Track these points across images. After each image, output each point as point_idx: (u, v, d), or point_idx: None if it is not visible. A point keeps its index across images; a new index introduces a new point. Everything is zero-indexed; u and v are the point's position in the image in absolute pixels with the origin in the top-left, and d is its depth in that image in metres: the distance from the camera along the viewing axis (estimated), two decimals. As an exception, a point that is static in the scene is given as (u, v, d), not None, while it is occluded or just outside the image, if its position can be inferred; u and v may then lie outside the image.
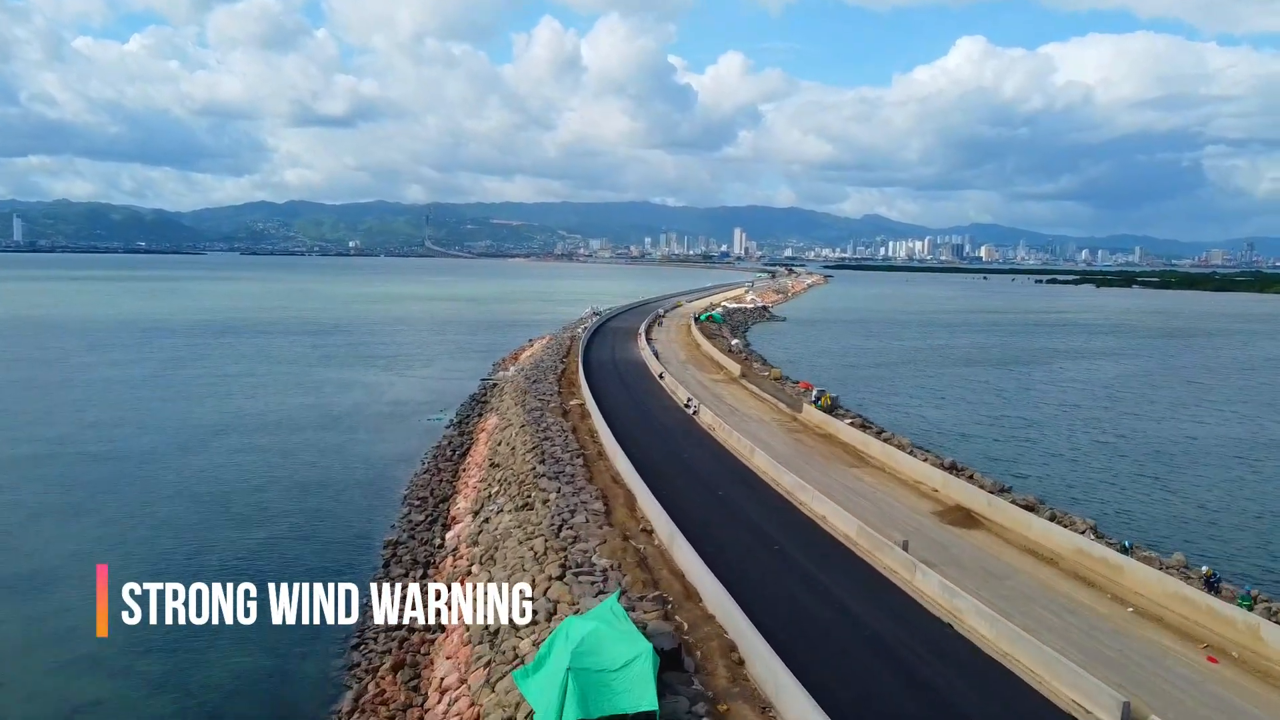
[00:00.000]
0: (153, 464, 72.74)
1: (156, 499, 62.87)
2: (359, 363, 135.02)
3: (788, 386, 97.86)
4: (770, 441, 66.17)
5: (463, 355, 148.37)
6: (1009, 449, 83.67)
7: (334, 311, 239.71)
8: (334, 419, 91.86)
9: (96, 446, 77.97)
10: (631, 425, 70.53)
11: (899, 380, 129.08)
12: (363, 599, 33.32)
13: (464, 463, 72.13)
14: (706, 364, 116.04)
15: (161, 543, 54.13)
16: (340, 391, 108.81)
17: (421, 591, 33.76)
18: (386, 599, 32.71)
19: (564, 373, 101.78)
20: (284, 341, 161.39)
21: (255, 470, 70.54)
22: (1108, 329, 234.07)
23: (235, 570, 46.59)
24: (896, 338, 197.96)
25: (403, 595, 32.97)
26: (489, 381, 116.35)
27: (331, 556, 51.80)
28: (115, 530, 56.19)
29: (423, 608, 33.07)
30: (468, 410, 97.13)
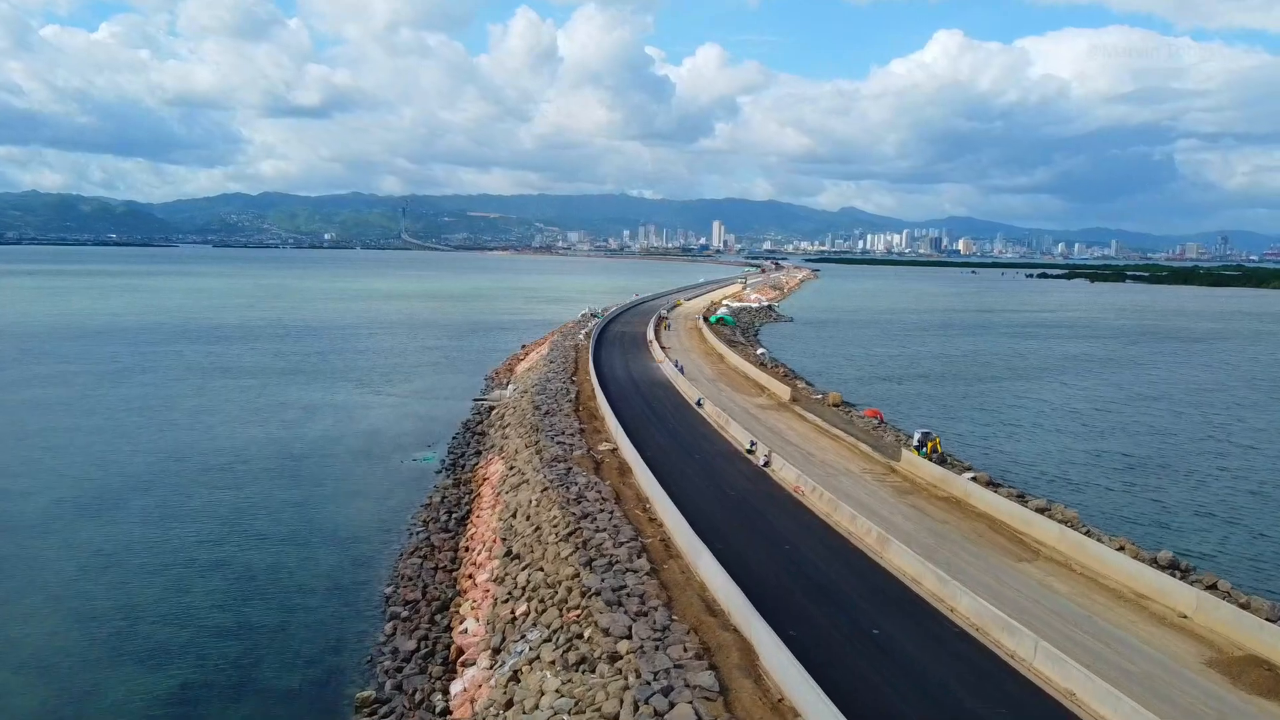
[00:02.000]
0: (24, 543, 53.93)
1: (10, 617, 44.21)
2: (329, 377, 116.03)
3: (855, 417, 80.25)
4: (886, 515, 48.51)
5: (449, 367, 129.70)
6: (1145, 505, 66.28)
7: (305, 311, 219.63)
8: (295, 462, 73.14)
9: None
10: (691, 488, 52.68)
11: (951, 398, 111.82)
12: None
13: (466, 534, 53.98)
14: (741, 382, 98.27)
15: (19, 700, 35.75)
16: (305, 419, 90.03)
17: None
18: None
19: (579, 397, 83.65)
20: (245, 350, 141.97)
21: (176, 553, 51.71)
22: (1141, 330, 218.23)
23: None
24: (921, 342, 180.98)
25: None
26: (483, 402, 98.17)
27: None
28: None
29: None
30: (462, 445, 79.09)
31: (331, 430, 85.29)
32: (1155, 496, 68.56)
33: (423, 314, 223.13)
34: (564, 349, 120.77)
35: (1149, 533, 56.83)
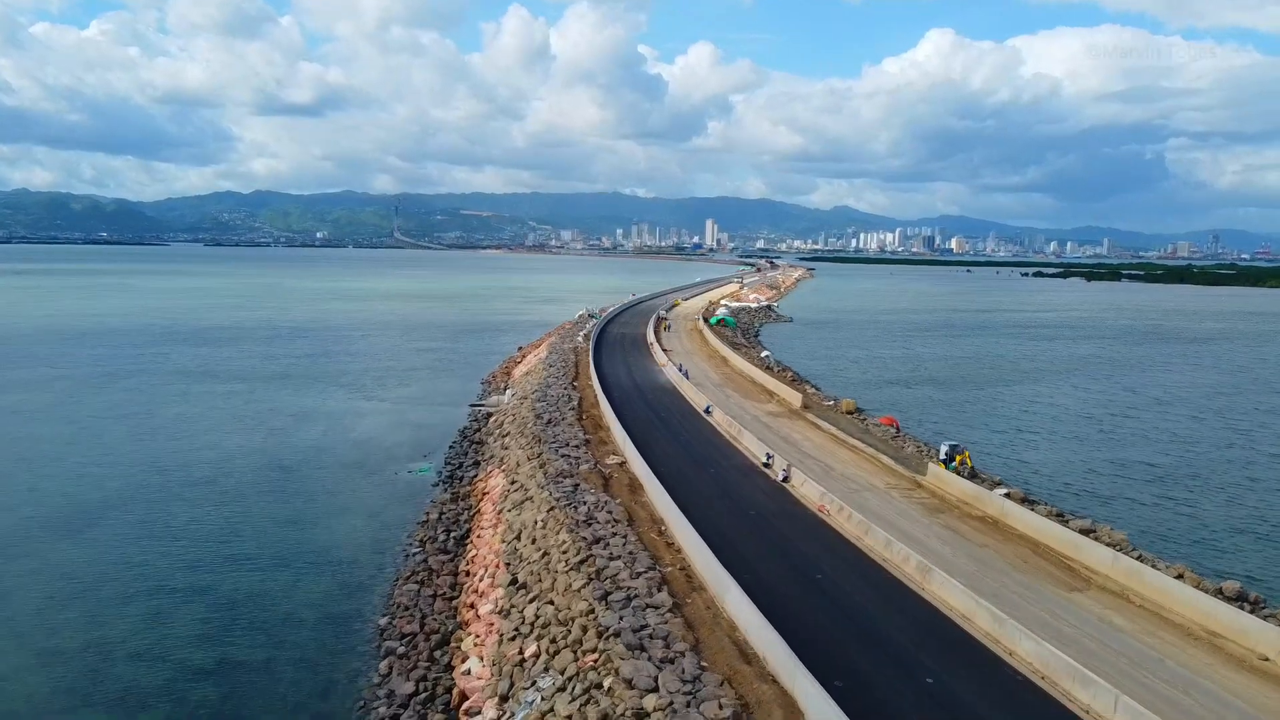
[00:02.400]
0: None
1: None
2: (320, 382, 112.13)
3: (871, 425, 76.73)
4: (920, 537, 45.01)
5: (444, 370, 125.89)
6: (1180, 521, 62.92)
7: (295, 312, 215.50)
8: (283, 474, 69.34)
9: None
10: (708, 507, 49.14)
11: (963, 403, 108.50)
12: None
13: (466, 556, 50.30)
14: (749, 388, 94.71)
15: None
16: (294, 427, 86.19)
17: None
18: None
19: (582, 405, 79.99)
20: (233, 352, 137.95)
21: (153, 579, 47.88)
22: (1146, 331, 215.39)
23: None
24: (924, 343, 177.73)
25: None
26: (481, 409, 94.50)
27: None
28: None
29: None
30: (459, 455, 75.44)
31: (322, 439, 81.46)
32: (1188, 511, 65.18)
33: (416, 314, 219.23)
34: (563, 352, 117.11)
35: (1189, 553, 53.47)
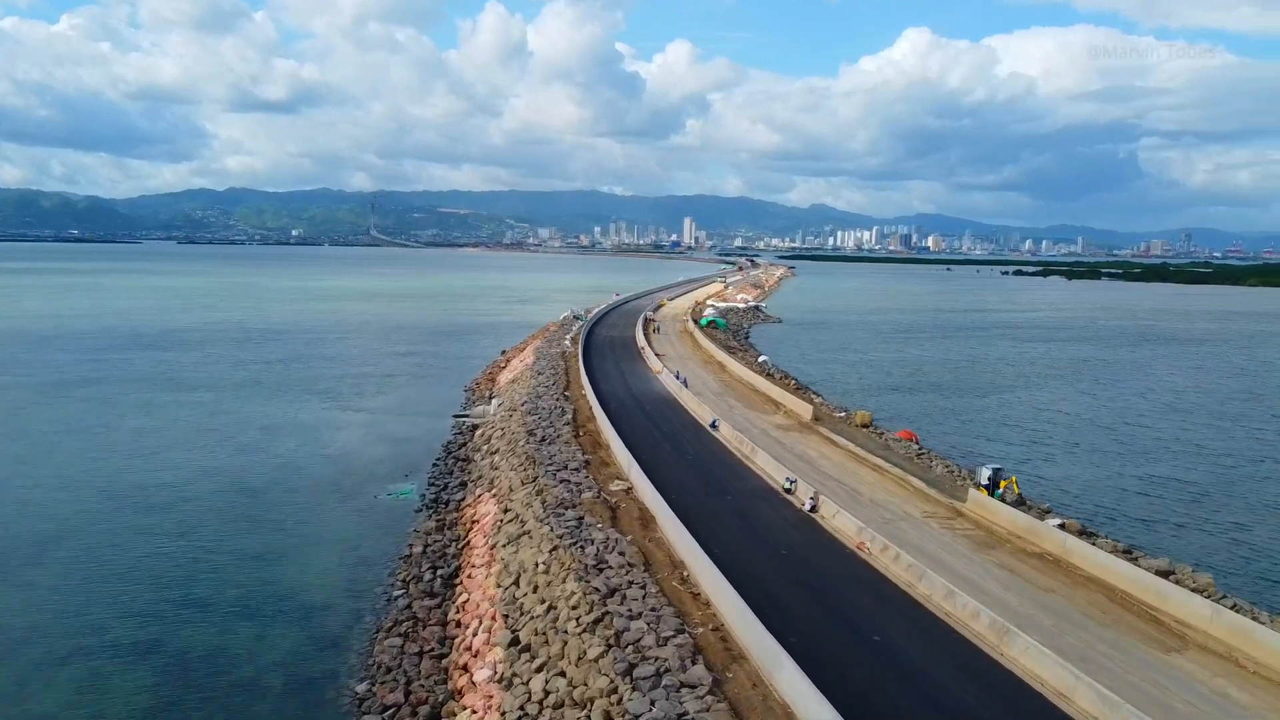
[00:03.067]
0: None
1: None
2: (292, 391, 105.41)
3: (890, 440, 71.19)
4: (977, 580, 39.44)
5: (424, 376, 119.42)
6: (1231, 549, 57.81)
7: (268, 313, 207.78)
8: (249, 499, 62.87)
9: None
10: (734, 545, 43.36)
11: (970, 411, 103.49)
12: None
13: (456, 600, 44.18)
14: (751, 396, 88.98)
15: None
16: (264, 443, 79.60)
17: None
18: None
19: (577, 418, 73.93)
20: (201, 357, 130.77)
21: (94, 634, 41.37)
22: (1140, 331, 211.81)
23: None
24: (918, 345, 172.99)
25: None
26: (466, 420, 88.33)
27: None
28: None
29: None
30: (444, 474, 69.35)
31: (294, 457, 74.98)
32: (1238, 535, 60.22)
33: (393, 315, 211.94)
34: (551, 357, 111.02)
35: (1253, 589, 48.26)
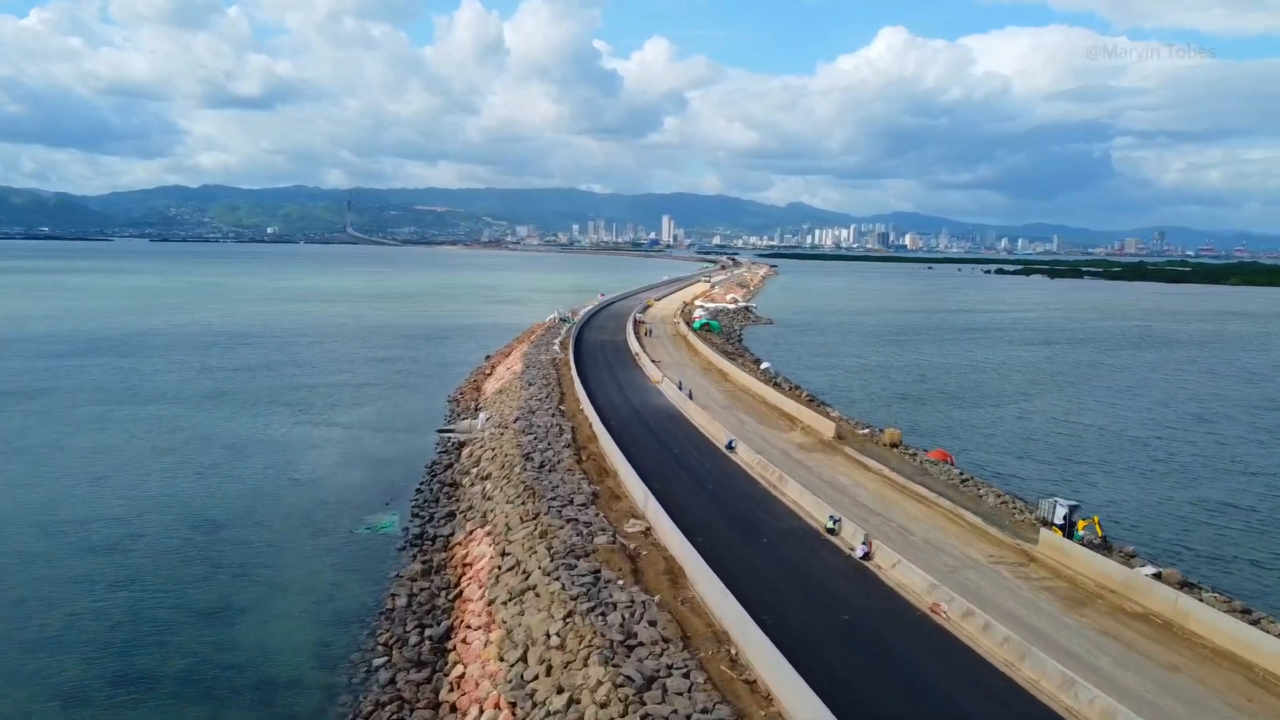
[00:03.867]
0: None
1: None
2: (261, 402, 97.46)
3: (925, 463, 64.49)
4: (1081, 653, 32.69)
5: (404, 385, 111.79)
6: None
7: (239, 315, 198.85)
8: (208, 537, 55.15)
9: None
10: (785, 607, 36.40)
11: (989, 423, 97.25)
12: None
13: (451, 676, 36.91)
14: (762, 410, 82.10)
15: None
16: (228, 465, 71.84)
17: None
18: None
19: (576, 438, 66.76)
20: (165, 364, 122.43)
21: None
22: (1140, 333, 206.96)
23: None
24: (918, 349, 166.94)
25: None
26: (451, 436, 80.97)
27: None
28: None
29: None
30: (429, 501, 62.06)
31: (260, 482, 67.32)
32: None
33: (370, 317, 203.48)
34: (540, 365, 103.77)
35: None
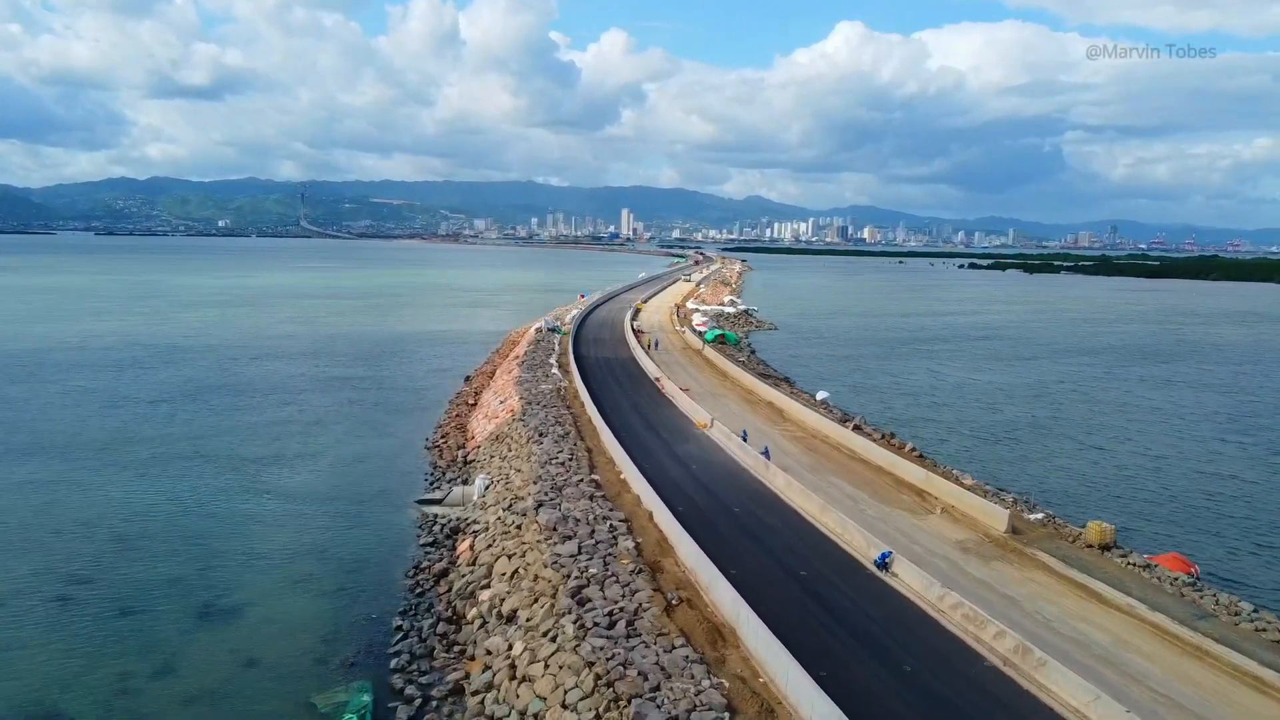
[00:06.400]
0: None
1: None
2: (173, 457, 73.34)
3: (1165, 580, 43.01)
4: None
5: (367, 421, 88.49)
6: None
7: (172, 323, 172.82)
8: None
9: None
10: None
11: (1135, 486, 76.81)
12: None
13: None
14: (862, 471, 60.26)
15: None
16: (114, 571, 48.30)
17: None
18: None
19: (642, 550, 44.18)
20: (59, 394, 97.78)
21: None
22: (1176, 339, 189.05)
23: None
24: (952, 363, 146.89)
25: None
26: (434, 512, 58.43)
27: None
28: None
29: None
30: (421, 659, 39.24)
31: (159, 620, 44.15)
32: None
33: (323, 323, 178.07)
34: (543, 398, 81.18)
35: None
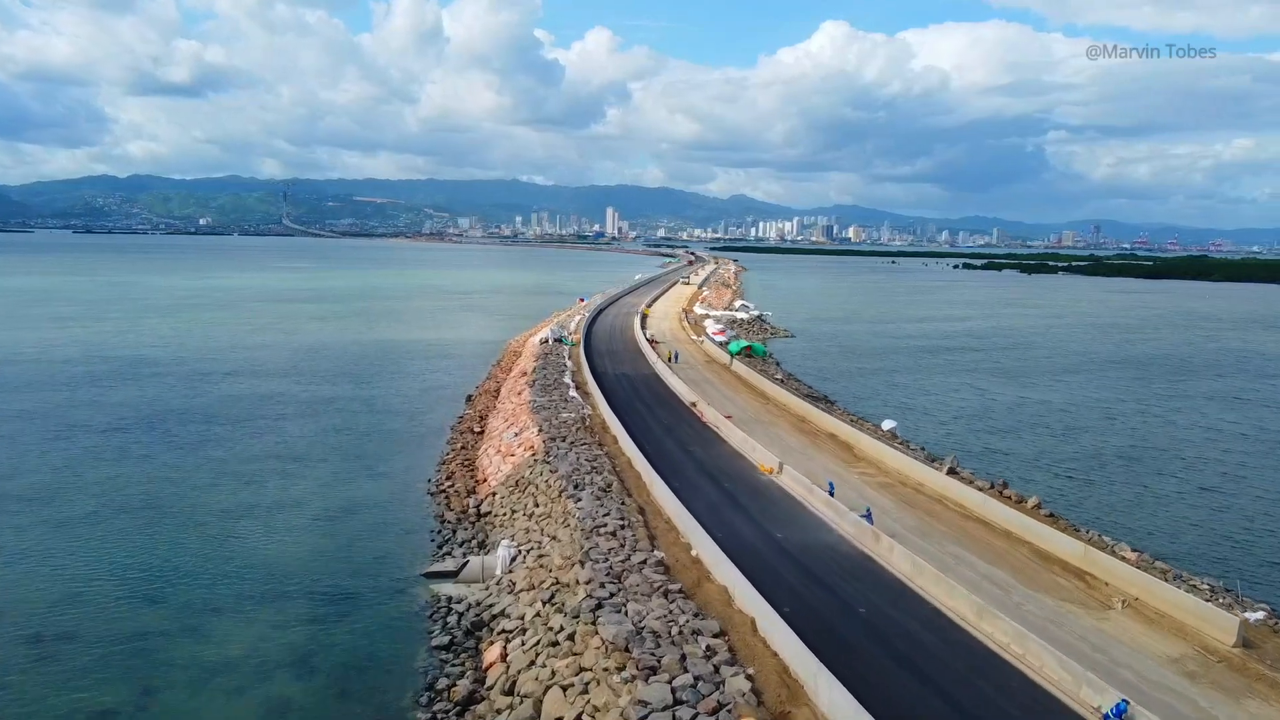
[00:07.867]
0: None
1: None
2: (130, 508, 60.45)
3: None
4: None
5: (358, 456, 75.47)
6: None
7: (141, 331, 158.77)
8: None
9: None
10: None
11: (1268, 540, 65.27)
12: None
13: None
14: (988, 539, 47.87)
15: None
16: (35, 700, 35.93)
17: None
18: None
19: (762, 695, 31.76)
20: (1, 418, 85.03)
21: None
22: (1218, 351, 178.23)
23: None
24: (990, 379, 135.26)
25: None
26: (447, 598, 45.85)
27: None
28: None
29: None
30: None
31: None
32: None
33: (305, 331, 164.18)
34: (568, 429, 68.71)
35: None
